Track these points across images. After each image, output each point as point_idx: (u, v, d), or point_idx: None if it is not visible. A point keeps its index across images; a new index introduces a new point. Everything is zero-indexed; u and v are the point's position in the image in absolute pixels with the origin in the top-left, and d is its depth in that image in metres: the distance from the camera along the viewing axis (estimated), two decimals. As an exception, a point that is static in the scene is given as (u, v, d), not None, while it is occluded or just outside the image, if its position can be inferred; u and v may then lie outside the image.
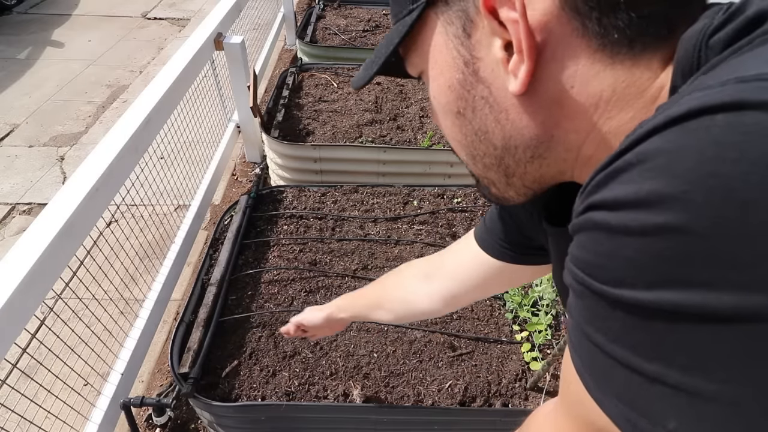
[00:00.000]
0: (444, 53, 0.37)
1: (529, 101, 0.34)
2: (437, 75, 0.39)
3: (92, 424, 1.29)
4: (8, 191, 2.55)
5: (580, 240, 0.28)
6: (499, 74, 0.34)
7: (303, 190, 1.98)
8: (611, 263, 0.25)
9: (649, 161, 0.23)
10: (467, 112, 0.38)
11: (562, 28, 0.30)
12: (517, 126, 0.35)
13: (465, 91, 0.37)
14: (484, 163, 0.40)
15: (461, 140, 0.40)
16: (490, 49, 0.34)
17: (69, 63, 3.79)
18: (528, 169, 0.38)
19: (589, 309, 0.28)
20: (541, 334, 1.37)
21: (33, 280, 0.98)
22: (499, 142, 0.37)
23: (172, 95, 1.62)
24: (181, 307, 1.67)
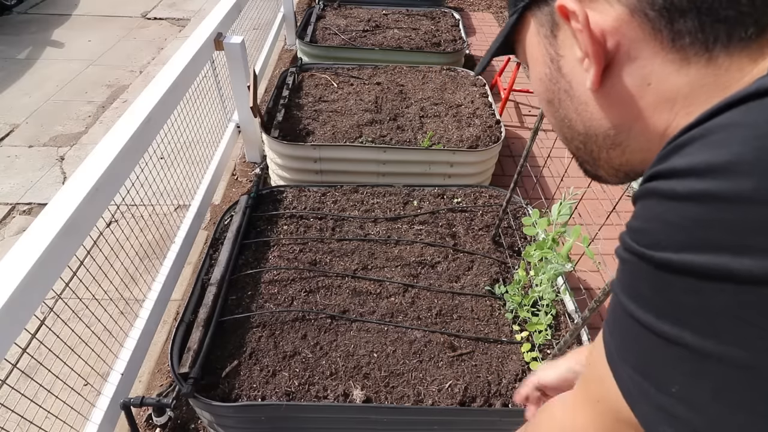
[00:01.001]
0: (536, 50, 0.42)
1: (605, 96, 0.37)
2: (532, 67, 0.45)
3: (92, 424, 1.29)
4: (8, 191, 2.55)
5: (635, 210, 0.31)
6: (579, 71, 0.38)
7: (303, 190, 1.98)
8: (653, 227, 0.28)
9: (711, 135, 0.25)
10: (554, 102, 0.43)
11: (634, 32, 0.33)
12: (594, 117, 0.39)
13: (551, 83, 0.42)
14: (574, 146, 0.45)
15: (554, 124, 0.46)
16: (572, 48, 0.38)
17: (69, 63, 3.79)
18: (611, 155, 0.41)
19: (627, 273, 0.30)
20: (541, 334, 1.37)
21: (33, 280, 0.98)
22: (581, 129, 0.42)
23: (172, 95, 1.62)
24: (181, 307, 1.67)
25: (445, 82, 2.81)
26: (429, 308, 1.55)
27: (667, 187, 0.27)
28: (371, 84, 2.72)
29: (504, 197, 1.83)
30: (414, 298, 1.58)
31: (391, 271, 1.66)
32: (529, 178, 2.73)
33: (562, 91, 0.41)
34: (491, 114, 2.51)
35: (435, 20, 3.68)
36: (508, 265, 1.73)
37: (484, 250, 1.77)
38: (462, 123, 2.43)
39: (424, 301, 1.57)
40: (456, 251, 1.76)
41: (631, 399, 0.31)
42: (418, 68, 2.92)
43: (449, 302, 1.58)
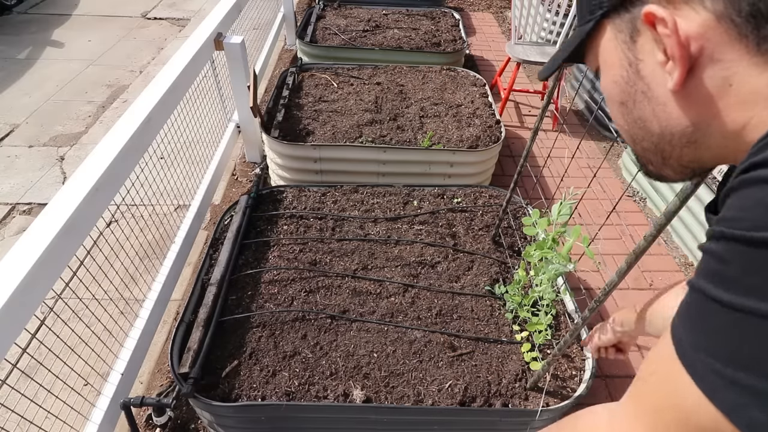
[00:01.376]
0: (612, 54, 0.45)
1: (685, 96, 0.39)
2: (606, 72, 0.47)
3: (92, 424, 1.29)
4: (8, 191, 2.55)
5: (728, 203, 0.32)
6: (659, 74, 0.41)
7: (303, 190, 1.98)
8: (755, 212, 0.29)
9: None
10: (629, 104, 0.45)
11: (719, 37, 0.36)
12: (672, 116, 0.41)
13: (628, 86, 0.44)
14: (642, 146, 0.47)
15: (624, 126, 0.48)
16: (652, 53, 0.40)
17: (69, 63, 3.79)
18: (684, 152, 0.43)
19: (716, 262, 0.31)
20: (541, 334, 1.37)
21: (33, 280, 0.98)
22: (656, 129, 0.44)
23: (172, 95, 1.62)
24: (181, 307, 1.67)
25: (445, 82, 2.81)
26: (429, 308, 1.55)
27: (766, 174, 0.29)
28: (371, 84, 2.72)
29: (504, 197, 1.83)
30: (414, 298, 1.58)
31: (391, 271, 1.66)
32: (529, 178, 2.73)
33: (639, 92, 0.43)
34: (491, 114, 2.51)
35: (435, 20, 3.68)
36: (508, 265, 1.73)
37: (484, 250, 1.77)
38: (462, 123, 2.43)
39: (424, 301, 1.57)
40: (456, 251, 1.76)
41: (711, 391, 0.31)
42: (418, 68, 2.92)
43: (449, 302, 1.58)
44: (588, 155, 2.97)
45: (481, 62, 3.94)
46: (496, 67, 3.86)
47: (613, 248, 2.35)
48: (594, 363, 1.40)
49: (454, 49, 3.28)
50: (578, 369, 1.43)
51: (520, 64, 3.01)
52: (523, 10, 3.04)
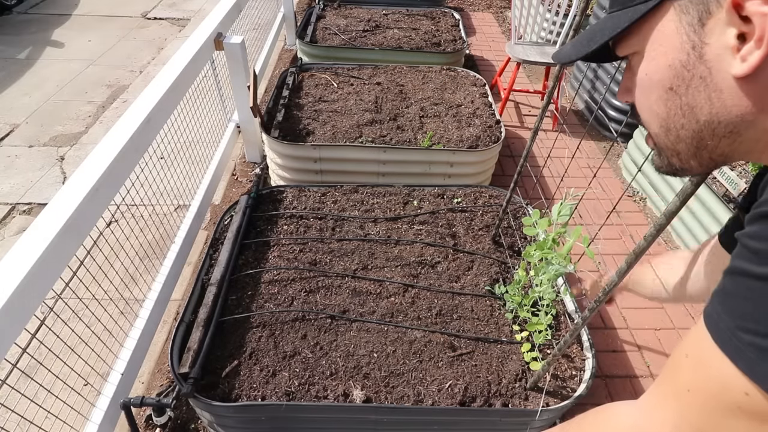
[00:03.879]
0: (672, 37, 0.43)
1: (746, 84, 0.39)
2: (658, 55, 0.45)
3: (92, 424, 1.29)
4: (8, 191, 2.55)
5: None
6: (725, 58, 0.39)
7: (303, 190, 1.98)
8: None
9: None
10: (680, 89, 0.44)
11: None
12: (726, 104, 0.41)
13: (685, 70, 0.43)
14: (678, 135, 0.46)
15: (661, 113, 0.47)
16: (721, 36, 0.39)
17: (69, 63, 3.79)
18: (721, 144, 0.43)
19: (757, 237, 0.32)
20: (541, 334, 1.37)
21: (33, 280, 0.98)
22: (703, 117, 0.43)
23: (172, 95, 1.62)
24: (181, 307, 1.67)
25: (445, 82, 2.81)
26: (429, 308, 1.55)
27: None
28: (371, 84, 2.72)
29: (504, 197, 1.83)
30: (414, 298, 1.58)
31: (391, 271, 1.66)
32: (529, 178, 2.73)
33: (697, 77, 0.42)
34: (491, 114, 2.51)
35: (435, 20, 3.68)
36: (508, 265, 1.73)
37: (484, 250, 1.77)
38: (462, 123, 2.43)
39: (424, 301, 1.57)
40: (456, 251, 1.76)
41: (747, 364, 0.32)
42: (418, 68, 2.92)
43: (449, 302, 1.58)
44: (588, 155, 2.97)
45: (481, 62, 3.94)
46: (496, 67, 3.86)
47: (613, 248, 2.35)
48: (594, 363, 1.40)
49: (454, 49, 3.28)
50: (578, 369, 1.43)
51: (520, 64, 3.01)
52: (523, 10, 3.04)
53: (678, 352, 0.42)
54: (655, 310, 2.06)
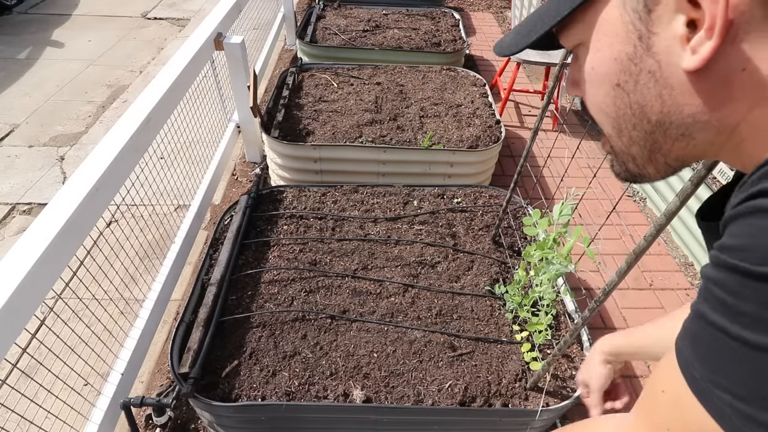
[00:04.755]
0: (616, 26, 0.38)
1: (698, 79, 0.35)
2: (603, 47, 0.40)
3: (92, 424, 1.29)
4: (8, 191, 2.55)
5: (731, 230, 0.30)
6: (674, 50, 0.35)
7: (303, 190, 1.98)
8: (762, 242, 0.27)
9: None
10: (628, 85, 0.39)
11: (751, 13, 0.31)
12: (678, 102, 0.37)
13: (632, 64, 0.38)
14: (630, 137, 0.42)
15: (612, 112, 0.42)
16: (670, 25, 0.35)
17: (69, 63, 3.79)
18: (674, 147, 0.40)
19: (725, 293, 0.29)
20: (541, 334, 1.37)
21: (33, 280, 0.98)
22: (654, 116, 0.39)
23: (172, 95, 1.62)
24: (181, 307, 1.67)
25: (445, 82, 2.81)
26: (429, 308, 1.55)
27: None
28: (371, 84, 2.72)
29: (504, 197, 1.83)
30: (414, 298, 1.58)
31: (391, 271, 1.66)
32: (529, 178, 2.73)
33: (645, 72, 0.38)
34: (491, 114, 2.51)
35: (435, 20, 3.68)
36: (508, 265, 1.73)
37: (484, 250, 1.77)
38: (462, 123, 2.43)
39: (424, 301, 1.57)
40: (456, 251, 1.76)
41: (731, 428, 0.30)
42: (418, 68, 2.92)
43: (449, 302, 1.58)
44: (588, 155, 2.97)
45: (481, 62, 3.94)
46: (496, 67, 3.86)
47: (613, 248, 2.35)
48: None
49: (454, 49, 3.28)
50: (578, 369, 1.43)
51: (520, 64, 3.01)
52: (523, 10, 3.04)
53: (654, 383, 0.39)
54: (655, 310, 2.06)
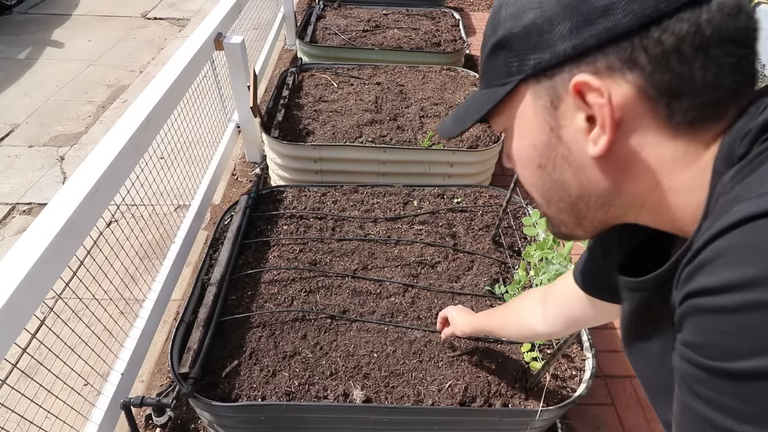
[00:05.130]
0: (532, 119, 0.45)
1: (603, 162, 0.42)
2: (523, 135, 0.47)
3: (92, 424, 1.29)
4: (8, 191, 2.55)
5: (687, 325, 0.33)
6: (580, 139, 0.42)
7: (303, 190, 1.98)
8: (717, 340, 0.30)
9: (724, 256, 0.30)
10: (548, 167, 0.46)
11: (637, 109, 0.39)
12: (591, 180, 0.44)
13: (548, 150, 0.45)
14: (558, 207, 0.49)
15: (539, 187, 0.49)
16: (573, 119, 0.42)
17: (69, 63, 3.79)
18: (597, 214, 0.46)
19: (701, 383, 0.32)
20: (541, 334, 1.37)
21: (33, 280, 0.98)
22: (574, 192, 0.46)
23: (172, 95, 1.62)
24: (181, 307, 1.67)
25: (445, 82, 2.81)
26: (429, 308, 1.55)
27: (713, 303, 0.30)
28: (371, 84, 2.72)
29: (504, 197, 1.83)
30: (414, 298, 1.58)
31: (391, 271, 1.66)
32: (529, 178, 2.72)
33: (559, 157, 0.44)
34: (491, 114, 2.51)
35: (435, 20, 3.68)
36: (508, 265, 1.73)
37: (484, 250, 1.77)
38: (462, 123, 2.42)
39: (424, 301, 1.57)
40: (456, 251, 1.76)
41: None
42: (418, 68, 2.92)
43: (449, 302, 1.58)
44: (588, 155, 2.97)
45: (481, 62, 3.94)
46: (496, 67, 3.86)
47: (613, 248, 2.34)
48: (594, 363, 1.40)
49: (454, 49, 3.28)
50: (578, 369, 1.43)
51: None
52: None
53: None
54: (655, 310, 2.05)
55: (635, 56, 0.37)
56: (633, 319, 0.50)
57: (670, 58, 0.37)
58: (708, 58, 0.36)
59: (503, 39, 0.44)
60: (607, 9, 0.37)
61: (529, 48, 0.42)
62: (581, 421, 1.64)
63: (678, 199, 0.40)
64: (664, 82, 0.37)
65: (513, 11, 0.44)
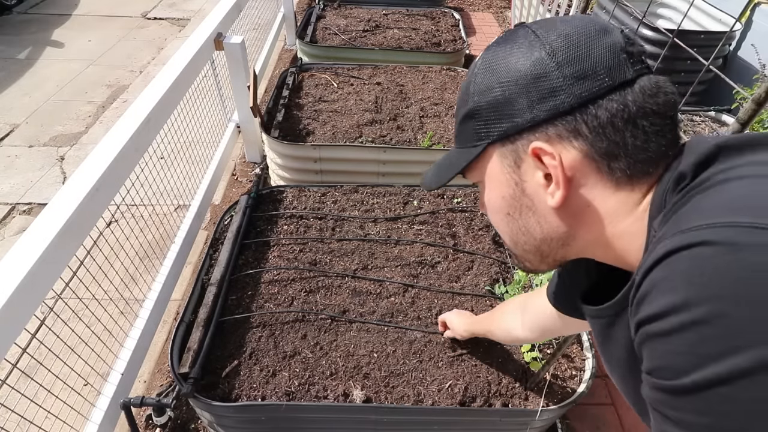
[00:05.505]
0: (498, 175, 0.53)
1: (561, 211, 0.50)
2: (493, 188, 0.55)
3: (92, 424, 1.29)
4: (8, 191, 2.55)
5: (644, 353, 0.37)
6: (540, 192, 0.50)
7: (303, 190, 1.98)
8: (667, 360, 0.34)
9: (657, 286, 0.36)
10: (515, 215, 0.54)
11: (584, 168, 0.47)
12: (552, 225, 0.51)
13: (514, 200, 0.53)
14: (524, 249, 0.57)
15: (508, 232, 0.57)
16: (534, 176, 0.50)
17: (69, 63, 3.79)
18: (558, 252, 0.54)
19: (665, 405, 0.35)
20: (541, 334, 1.37)
21: (33, 280, 0.98)
22: (538, 236, 0.53)
23: (172, 95, 1.62)
24: (181, 307, 1.67)
25: (445, 82, 2.81)
26: (429, 308, 1.55)
27: (657, 329, 0.35)
28: (371, 84, 2.72)
29: (504, 197, 1.82)
30: (414, 298, 1.58)
31: (391, 271, 1.66)
32: (529, 178, 2.73)
33: (524, 206, 0.52)
34: (491, 114, 2.51)
35: (435, 20, 3.68)
36: (508, 265, 1.73)
37: (484, 250, 1.77)
38: (462, 123, 2.43)
39: (424, 301, 1.57)
40: (456, 251, 1.76)
41: None
42: (418, 68, 2.92)
43: (449, 302, 1.58)
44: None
45: (481, 62, 3.93)
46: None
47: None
48: (594, 363, 1.40)
49: (454, 49, 3.28)
50: (578, 369, 1.43)
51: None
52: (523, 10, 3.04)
53: None
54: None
55: (578, 127, 0.46)
56: (600, 341, 0.56)
57: (605, 128, 0.45)
58: (636, 127, 0.45)
59: (472, 110, 0.53)
60: (553, 91, 0.47)
61: (494, 118, 0.51)
62: (581, 421, 1.64)
63: (623, 242, 0.48)
64: (603, 147, 0.46)
65: (480, 89, 0.52)
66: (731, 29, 1.86)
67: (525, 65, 0.48)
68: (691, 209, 0.38)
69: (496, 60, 0.51)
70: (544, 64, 0.47)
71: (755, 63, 2.84)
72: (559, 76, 0.46)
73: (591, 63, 0.46)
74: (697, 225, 0.35)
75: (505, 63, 0.50)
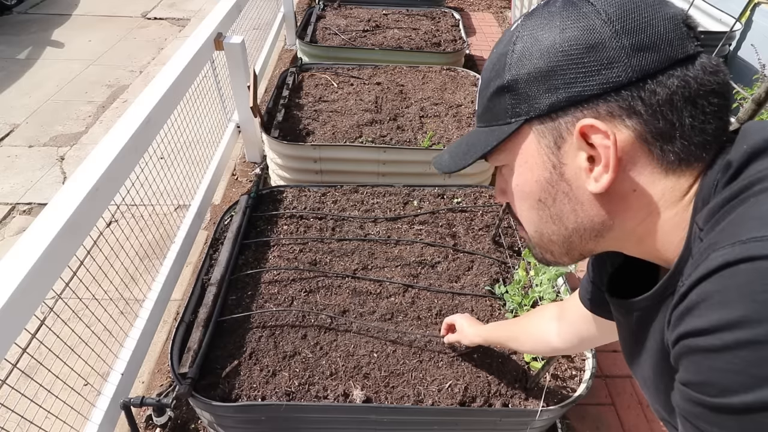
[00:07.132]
0: (535, 156, 0.48)
1: (601, 198, 0.46)
2: (525, 171, 0.50)
3: (92, 424, 1.29)
4: (8, 191, 2.55)
5: (683, 365, 0.36)
6: (581, 177, 0.45)
7: (303, 190, 1.98)
8: (713, 377, 0.33)
9: (709, 299, 0.33)
10: (548, 201, 0.49)
11: (634, 151, 0.43)
12: (588, 214, 0.47)
13: (550, 186, 0.48)
14: (550, 239, 0.52)
15: (535, 220, 0.52)
16: (575, 159, 0.45)
17: (69, 63, 3.79)
18: (588, 245, 0.50)
19: (701, 420, 0.34)
20: (541, 334, 1.37)
21: (33, 280, 0.98)
22: (571, 225, 0.49)
23: (172, 95, 1.62)
24: (181, 307, 1.67)
25: (445, 82, 2.81)
26: (429, 308, 1.55)
27: (705, 343, 0.33)
28: (371, 84, 2.72)
29: (504, 197, 1.82)
30: (414, 298, 1.58)
31: (391, 271, 1.66)
32: (529, 178, 2.72)
33: (560, 192, 0.48)
34: (491, 114, 2.51)
35: (435, 20, 3.68)
36: (508, 265, 1.73)
37: (484, 250, 1.77)
38: (462, 123, 2.43)
39: (424, 301, 1.57)
40: (456, 251, 1.76)
41: None
42: (418, 68, 2.92)
43: (449, 302, 1.58)
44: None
45: (481, 62, 3.94)
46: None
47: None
48: (594, 363, 1.40)
49: (454, 49, 3.28)
50: (578, 369, 1.43)
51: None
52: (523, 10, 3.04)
53: None
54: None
55: (633, 105, 0.42)
56: (625, 336, 0.54)
57: (663, 107, 0.41)
58: (695, 107, 0.41)
59: (510, 82, 0.47)
60: (608, 63, 0.42)
61: (535, 92, 0.46)
62: (581, 421, 1.64)
63: (663, 233, 0.45)
64: (659, 128, 0.42)
65: (520, 58, 0.47)
66: (731, 29, 1.86)
67: (576, 33, 0.43)
68: (748, 215, 0.35)
69: (540, 26, 0.46)
70: (600, 33, 0.42)
71: (755, 63, 2.85)
72: (616, 47, 0.42)
73: (651, 34, 0.42)
74: (760, 236, 0.32)
75: (552, 30, 0.45)
